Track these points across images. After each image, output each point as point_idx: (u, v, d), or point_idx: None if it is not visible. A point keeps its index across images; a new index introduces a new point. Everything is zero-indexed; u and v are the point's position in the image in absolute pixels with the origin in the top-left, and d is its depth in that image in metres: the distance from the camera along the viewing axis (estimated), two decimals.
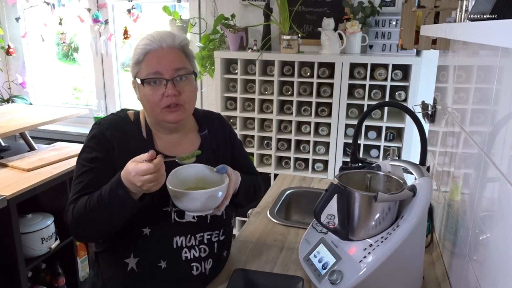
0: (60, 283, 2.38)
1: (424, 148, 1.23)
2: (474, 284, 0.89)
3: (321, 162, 2.76)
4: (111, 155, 1.15)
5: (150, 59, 1.13)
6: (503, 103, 0.78)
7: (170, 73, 1.12)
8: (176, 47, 1.15)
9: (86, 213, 1.06)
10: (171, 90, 1.12)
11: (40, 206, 2.23)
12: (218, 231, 1.23)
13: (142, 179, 0.97)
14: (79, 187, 1.13)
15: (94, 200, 1.05)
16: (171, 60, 1.13)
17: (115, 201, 1.02)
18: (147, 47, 1.13)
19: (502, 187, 0.74)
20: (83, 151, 1.18)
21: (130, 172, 0.98)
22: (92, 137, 1.18)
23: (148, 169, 0.96)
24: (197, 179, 1.17)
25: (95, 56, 3.41)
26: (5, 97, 3.64)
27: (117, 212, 1.05)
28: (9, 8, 3.52)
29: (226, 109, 2.84)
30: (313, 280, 1.15)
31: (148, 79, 1.13)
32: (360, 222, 1.09)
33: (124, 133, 1.19)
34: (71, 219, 1.10)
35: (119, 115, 1.24)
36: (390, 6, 2.62)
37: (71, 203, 1.11)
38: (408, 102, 2.43)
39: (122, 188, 1.01)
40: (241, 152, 1.40)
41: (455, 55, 1.37)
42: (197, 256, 1.19)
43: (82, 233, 1.16)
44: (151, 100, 1.14)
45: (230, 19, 2.83)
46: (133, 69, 1.17)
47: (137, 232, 1.14)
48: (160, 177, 0.99)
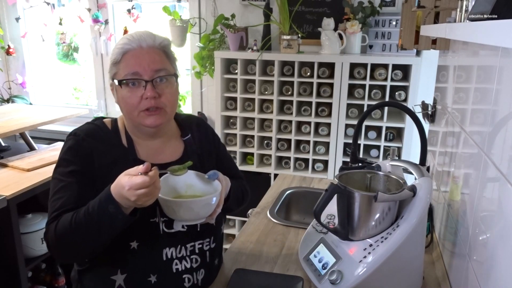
0: (60, 283, 2.38)
1: (424, 148, 1.23)
2: (474, 284, 0.89)
3: (321, 162, 2.76)
4: (91, 167, 1.08)
5: (129, 59, 1.07)
6: (503, 103, 0.78)
7: (149, 74, 1.07)
8: (157, 47, 1.10)
9: (71, 232, 0.98)
10: (150, 92, 1.06)
11: (40, 206, 2.23)
12: (209, 238, 1.19)
13: (137, 193, 0.90)
14: (58, 204, 1.04)
15: (81, 217, 0.98)
16: (150, 60, 1.07)
17: (105, 217, 0.95)
18: (125, 47, 1.07)
19: (502, 187, 0.74)
20: (59, 165, 1.10)
21: (124, 186, 0.91)
22: (68, 149, 1.10)
23: (144, 183, 0.90)
24: (186, 186, 1.12)
25: (95, 56, 3.41)
26: (5, 97, 3.64)
27: (106, 229, 0.97)
28: (9, 8, 3.52)
29: (226, 109, 2.84)
30: (313, 280, 1.15)
31: (126, 80, 1.07)
32: (360, 222, 1.09)
33: (102, 142, 1.12)
34: (53, 239, 1.01)
35: (95, 124, 1.17)
36: (390, 6, 2.62)
37: (51, 222, 1.03)
38: (408, 102, 2.43)
39: (113, 203, 0.94)
40: (226, 155, 1.35)
41: (455, 55, 1.37)
42: (189, 267, 1.14)
43: (66, 254, 1.07)
44: (129, 102, 1.08)
45: (230, 19, 2.83)
46: (111, 70, 1.11)
47: (123, 247, 1.08)
48: (155, 190, 0.93)
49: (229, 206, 1.21)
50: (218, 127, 2.81)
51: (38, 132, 3.35)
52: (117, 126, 1.17)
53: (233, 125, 2.86)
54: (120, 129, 1.17)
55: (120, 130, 1.17)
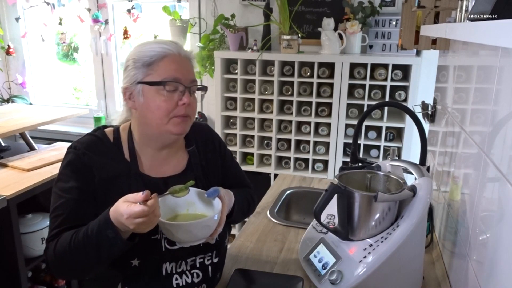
0: (60, 283, 2.38)
1: (424, 148, 1.23)
2: (474, 284, 0.89)
3: (321, 162, 2.76)
4: (91, 182, 1.05)
5: (169, 63, 1.03)
6: (503, 103, 0.78)
7: (187, 82, 1.05)
8: (190, 58, 1.09)
9: (70, 252, 0.97)
10: (188, 98, 1.04)
11: (40, 206, 2.23)
12: (211, 253, 1.16)
13: (135, 221, 0.88)
14: (58, 221, 1.03)
15: (80, 238, 0.96)
16: (188, 69, 1.07)
17: (103, 242, 0.94)
18: (165, 50, 1.04)
19: (502, 187, 0.74)
20: (59, 179, 1.07)
21: (122, 214, 0.89)
22: (67, 163, 1.07)
23: (143, 212, 0.88)
24: (186, 204, 1.08)
25: (95, 56, 3.41)
26: (5, 97, 3.65)
27: (105, 253, 0.96)
28: (9, 8, 3.52)
29: (226, 109, 2.84)
30: (313, 280, 1.15)
31: (168, 82, 1.02)
32: (360, 222, 1.09)
33: (103, 156, 1.08)
34: (52, 257, 1.00)
35: (96, 135, 1.12)
36: (390, 6, 2.62)
37: (51, 240, 1.01)
38: (408, 102, 2.43)
39: (111, 228, 0.92)
40: (233, 163, 1.31)
41: (455, 55, 1.37)
42: (190, 282, 1.12)
43: (65, 272, 1.06)
44: (163, 107, 1.03)
45: (230, 19, 2.83)
46: (138, 72, 1.04)
47: (125, 265, 1.07)
48: (154, 218, 0.91)
49: (233, 219, 1.18)
50: (218, 127, 2.81)
51: (38, 132, 3.35)
52: (119, 138, 1.13)
53: (233, 125, 2.86)
54: (122, 140, 1.12)
55: (123, 141, 1.12)
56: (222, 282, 1.21)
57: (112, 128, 1.16)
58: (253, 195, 1.33)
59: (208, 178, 1.19)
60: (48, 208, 1.07)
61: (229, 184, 1.20)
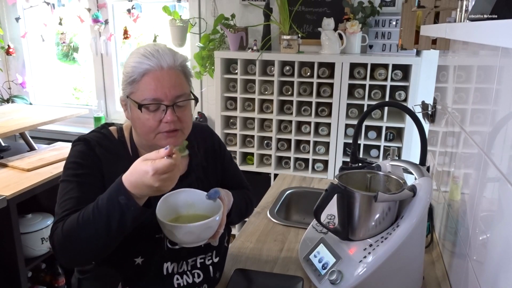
0: (60, 283, 2.38)
1: (424, 148, 1.23)
2: (474, 284, 0.89)
3: (321, 162, 2.76)
4: (101, 174, 1.05)
5: (149, 82, 1.00)
6: (503, 103, 0.78)
7: (170, 99, 1.02)
8: (177, 67, 1.04)
9: (79, 228, 0.92)
10: (170, 117, 1.01)
11: (40, 206, 2.23)
12: (211, 253, 1.17)
13: (162, 177, 0.85)
14: (69, 204, 0.99)
15: (89, 212, 0.91)
16: (171, 85, 1.02)
17: (115, 210, 0.89)
18: (144, 66, 1.00)
19: (502, 187, 0.74)
20: (67, 168, 1.05)
21: (147, 171, 0.84)
22: (79, 152, 1.06)
23: (170, 165, 0.85)
24: (187, 205, 1.08)
25: (95, 56, 3.41)
26: (5, 97, 3.64)
27: (116, 224, 0.90)
28: (9, 8, 3.52)
29: (226, 109, 2.84)
30: (313, 280, 1.15)
31: (146, 105, 1.01)
32: (360, 222, 1.09)
33: (110, 152, 1.09)
34: (60, 238, 0.94)
35: (102, 133, 1.12)
36: (390, 6, 2.62)
37: (59, 221, 0.97)
38: (408, 102, 2.43)
39: (124, 194, 0.88)
40: (232, 164, 1.32)
41: (455, 55, 1.37)
42: (191, 282, 1.12)
43: (72, 254, 0.98)
44: (146, 125, 1.03)
45: (230, 19, 2.83)
46: (125, 87, 1.04)
47: (128, 263, 1.07)
48: (178, 173, 0.89)
49: (231, 220, 1.17)
50: (218, 127, 2.81)
51: (38, 132, 3.35)
52: (123, 136, 1.14)
53: (233, 125, 2.86)
54: (126, 139, 1.14)
55: (126, 140, 1.14)
56: (222, 282, 1.21)
57: (115, 127, 1.16)
58: (251, 197, 1.33)
59: (209, 178, 1.19)
60: (48, 208, 1.07)
61: (228, 185, 1.20)
